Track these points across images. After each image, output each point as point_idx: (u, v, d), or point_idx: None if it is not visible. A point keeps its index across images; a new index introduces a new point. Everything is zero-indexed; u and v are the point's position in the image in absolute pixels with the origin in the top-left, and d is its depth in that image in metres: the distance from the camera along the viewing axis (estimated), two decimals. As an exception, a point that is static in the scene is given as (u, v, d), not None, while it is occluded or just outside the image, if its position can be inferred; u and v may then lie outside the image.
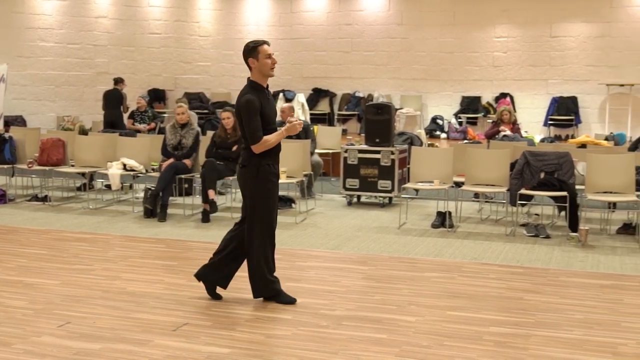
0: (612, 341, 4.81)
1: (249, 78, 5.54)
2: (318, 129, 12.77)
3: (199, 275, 5.69)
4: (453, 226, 8.68)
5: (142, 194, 9.97)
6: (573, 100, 15.70)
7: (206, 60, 17.62)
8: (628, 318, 5.30)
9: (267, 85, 5.58)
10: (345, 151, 10.26)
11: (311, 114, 16.26)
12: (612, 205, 9.22)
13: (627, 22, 15.34)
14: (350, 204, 10.32)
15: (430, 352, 4.59)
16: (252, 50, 5.43)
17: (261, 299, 5.62)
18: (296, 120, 5.65)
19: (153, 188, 9.28)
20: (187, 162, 9.45)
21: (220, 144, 9.48)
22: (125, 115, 13.80)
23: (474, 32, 16.30)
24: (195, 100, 16.92)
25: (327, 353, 4.57)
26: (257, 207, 5.46)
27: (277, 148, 5.55)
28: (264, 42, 5.47)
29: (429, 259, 7.13)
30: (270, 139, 5.42)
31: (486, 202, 10.08)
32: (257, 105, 5.36)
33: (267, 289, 5.57)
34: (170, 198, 9.43)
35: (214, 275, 5.67)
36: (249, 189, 5.49)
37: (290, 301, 5.56)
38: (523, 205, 9.09)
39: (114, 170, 9.87)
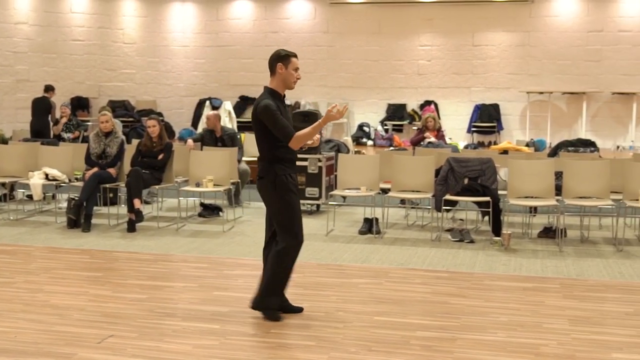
0: (534, 342, 4.93)
1: (266, 86, 5.46)
2: (245, 136, 12.74)
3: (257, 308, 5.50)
4: (380, 232, 8.77)
5: (65, 204, 9.77)
6: (495, 107, 16.09)
7: (131, 67, 17.37)
8: (549, 319, 5.45)
9: (284, 95, 5.51)
10: (273, 159, 10.23)
11: (238, 122, 16.20)
12: (533, 210, 9.48)
13: (545, 31, 15.82)
14: (278, 211, 10.30)
15: (359, 357, 4.63)
16: (284, 58, 5.38)
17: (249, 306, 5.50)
18: (335, 107, 5.36)
19: (76, 198, 9.10)
20: (112, 171, 9.31)
21: (146, 153, 9.38)
22: (54, 125, 13.55)
23: (399, 40, 16.54)
24: (120, 108, 16.66)
25: (256, 362, 4.56)
26: (281, 219, 5.37)
27: (293, 157, 5.46)
28: (296, 55, 5.44)
29: (356, 266, 7.19)
30: (304, 131, 5.32)
31: (412, 208, 10.23)
32: (275, 106, 5.29)
33: (268, 305, 5.40)
34: (95, 208, 9.27)
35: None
36: (269, 201, 5.40)
37: (277, 318, 5.40)
38: (448, 210, 9.26)
39: (36, 180, 9.63)
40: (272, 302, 5.42)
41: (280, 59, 5.39)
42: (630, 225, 9.43)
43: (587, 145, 12.57)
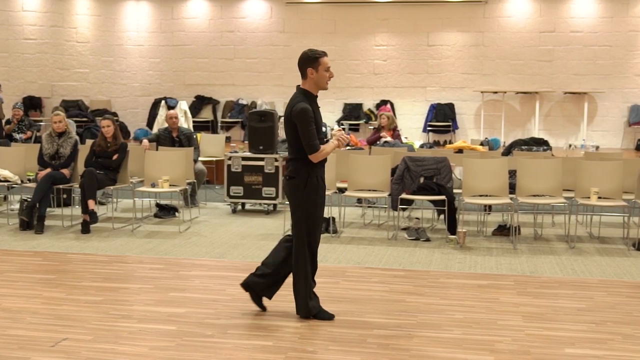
0: (490, 339, 5.00)
1: (299, 86, 5.34)
2: (201, 136, 12.67)
3: (247, 285, 5.54)
4: (337, 231, 8.79)
5: (17, 206, 9.60)
6: (450, 106, 16.24)
7: (84, 66, 17.15)
8: (504, 316, 5.52)
9: (317, 95, 5.40)
10: (229, 159, 10.22)
11: (194, 122, 16.10)
12: (488, 208, 9.58)
13: (499, 32, 16.02)
14: (234, 211, 10.28)
15: (316, 357, 4.64)
16: (313, 61, 5.24)
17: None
18: (340, 132, 5.49)
19: (29, 199, 8.95)
20: (65, 171, 9.18)
21: (100, 153, 9.27)
22: (6, 124, 13.32)
23: (355, 40, 16.60)
24: (74, 108, 16.43)
25: (213, 362, 4.54)
26: (302, 220, 5.31)
27: (324, 160, 5.41)
28: (325, 54, 5.29)
29: (313, 265, 7.18)
30: (326, 148, 5.28)
31: (369, 207, 10.28)
32: (311, 114, 5.19)
33: (309, 308, 5.40)
34: (48, 209, 9.13)
35: (262, 285, 5.53)
36: (295, 201, 5.31)
37: (329, 317, 5.41)
38: (404, 209, 9.32)
39: (-13, 182, 9.46)
40: (312, 306, 5.41)
41: (310, 63, 5.25)
42: (582, 222, 9.60)
43: (540, 144, 12.75)
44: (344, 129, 15.48)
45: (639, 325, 5.35)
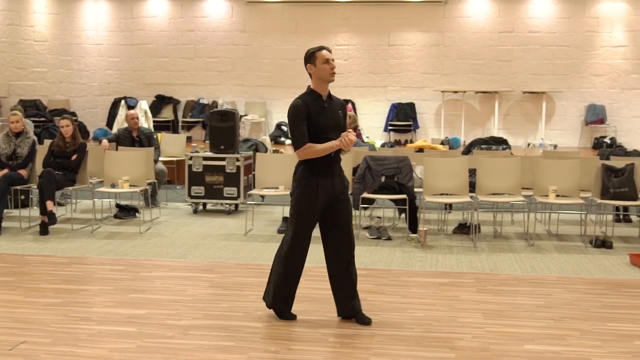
0: (450, 336, 5.04)
1: (308, 86, 5.28)
2: (162, 136, 12.58)
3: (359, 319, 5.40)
4: (299, 231, 8.77)
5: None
6: (411, 106, 16.35)
7: (42, 66, 16.90)
8: (464, 313, 5.57)
9: (329, 94, 5.27)
10: (190, 158, 10.16)
11: (155, 121, 15.99)
12: (448, 207, 9.67)
13: (459, 32, 16.17)
14: (195, 211, 10.23)
15: (278, 357, 4.63)
16: (310, 57, 5.19)
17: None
18: (347, 135, 5.15)
19: (-15, 200, 8.81)
20: (23, 172, 9.05)
21: (59, 153, 9.16)
22: None
23: (316, 39, 16.60)
24: (31, 107, 16.18)
25: (174, 364, 4.51)
26: (292, 218, 5.27)
27: (328, 160, 5.20)
28: (323, 48, 5.22)
29: (275, 265, 7.17)
30: (317, 147, 5.10)
31: (330, 206, 10.27)
32: (301, 110, 5.09)
33: (273, 301, 5.38)
34: (5, 210, 8.99)
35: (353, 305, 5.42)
36: (291, 198, 5.28)
37: (291, 317, 5.40)
38: (365, 208, 9.35)
39: (-58, 183, 9.27)
40: (277, 307, 5.40)
41: (307, 60, 5.22)
42: (540, 220, 9.73)
43: (499, 143, 12.92)
44: None
45: (596, 321, 5.44)
